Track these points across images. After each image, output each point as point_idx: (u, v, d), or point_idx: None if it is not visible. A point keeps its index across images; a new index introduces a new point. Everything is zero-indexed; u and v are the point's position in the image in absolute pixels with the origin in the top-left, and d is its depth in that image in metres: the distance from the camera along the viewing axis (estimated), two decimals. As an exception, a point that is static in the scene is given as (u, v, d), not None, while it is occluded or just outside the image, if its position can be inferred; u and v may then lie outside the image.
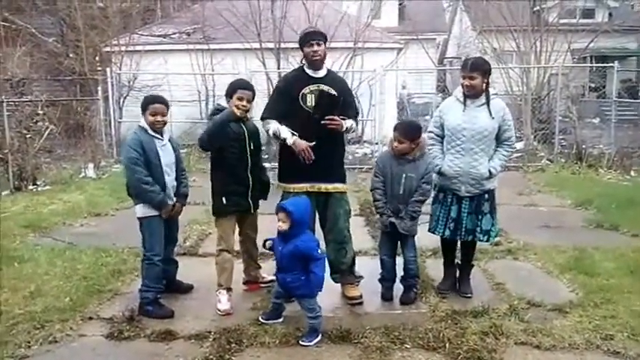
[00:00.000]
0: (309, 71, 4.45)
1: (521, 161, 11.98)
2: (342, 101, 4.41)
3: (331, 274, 4.61)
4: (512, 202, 8.24)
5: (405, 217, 4.39)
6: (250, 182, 4.61)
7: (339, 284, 4.67)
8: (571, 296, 4.74)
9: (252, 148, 4.59)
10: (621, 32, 18.66)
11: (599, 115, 15.92)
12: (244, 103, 4.48)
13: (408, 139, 4.37)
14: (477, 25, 18.96)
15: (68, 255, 5.80)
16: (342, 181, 4.57)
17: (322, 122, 4.26)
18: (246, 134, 4.54)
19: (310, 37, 4.39)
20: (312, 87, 4.39)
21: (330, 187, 4.47)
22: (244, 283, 4.93)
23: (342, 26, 14.30)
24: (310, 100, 4.36)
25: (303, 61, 4.50)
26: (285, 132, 4.35)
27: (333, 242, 4.56)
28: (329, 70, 4.59)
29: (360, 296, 4.54)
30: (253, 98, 4.58)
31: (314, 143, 4.27)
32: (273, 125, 4.41)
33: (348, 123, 4.46)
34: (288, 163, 4.48)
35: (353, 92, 4.65)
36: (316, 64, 4.42)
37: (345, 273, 4.64)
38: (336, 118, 4.30)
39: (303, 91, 4.38)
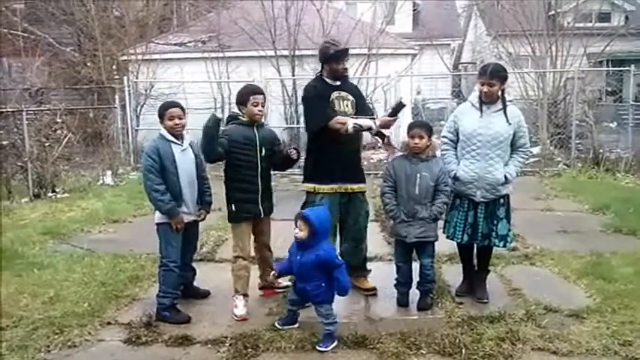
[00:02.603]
0: (328, 80, 4.72)
1: (538, 166, 11.89)
2: (361, 104, 4.79)
3: None
4: (529, 207, 8.19)
5: (426, 218, 4.40)
6: (260, 188, 4.62)
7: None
8: (588, 302, 4.70)
9: (263, 154, 4.60)
10: (638, 36, 18.45)
11: (616, 120, 15.74)
12: (260, 108, 4.58)
13: (427, 133, 4.41)
14: (491, 30, 18.87)
15: (87, 261, 5.87)
16: (364, 181, 4.85)
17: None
18: (257, 140, 4.57)
19: (343, 55, 4.68)
20: (335, 93, 4.68)
21: (355, 187, 4.74)
22: (260, 289, 4.96)
23: (357, 33, 14.36)
24: (338, 106, 4.64)
25: (324, 73, 4.74)
26: (367, 121, 4.55)
27: (352, 240, 4.80)
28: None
29: (374, 288, 4.79)
30: (265, 99, 4.68)
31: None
32: (350, 122, 4.46)
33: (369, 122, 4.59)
34: (317, 164, 4.72)
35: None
36: (342, 79, 4.72)
37: (358, 268, 4.87)
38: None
39: (331, 97, 4.66)
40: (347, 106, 4.68)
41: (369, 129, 4.56)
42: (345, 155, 4.67)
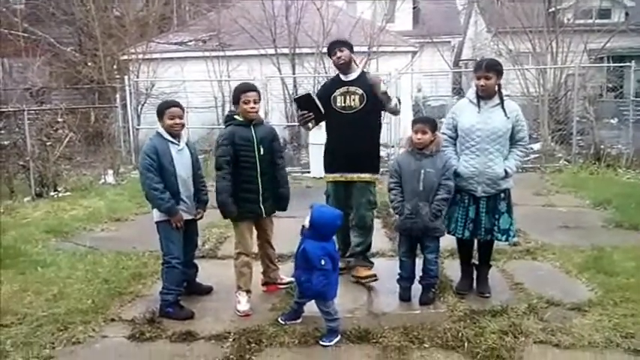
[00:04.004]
0: (341, 76, 4.98)
1: (539, 162, 11.91)
2: (369, 101, 4.84)
3: (346, 257, 5.05)
4: (531, 203, 8.20)
5: (424, 216, 4.40)
6: (261, 188, 4.59)
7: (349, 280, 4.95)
8: (590, 295, 4.71)
9: (262, 153, 4.56)
10: (638, 32, 18.48)
11: (616, 115, 15.72)
12: (252, 105, 4.53)
13: (430, 128, 4.40)
14: (492, 27, 18.89)
15: (89, 259, 5.89)
16: (370, 171, 4.95)
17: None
18: (254, 139, 4.53)
19: (332, 47, 4.96)
20: (342, 89, 4.91)
21: (355, 176, 4.91)
22: (263, 285, 4.97)
23: (357, 31, 14.37)
24: (340, 101, 4.90)
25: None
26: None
27: (356, 227, 4.98)
28: (362, 72, 5.06)
29: (374, 275, 4.87)
30: (260, 97, 4.63)
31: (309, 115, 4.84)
32: None
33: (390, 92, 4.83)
34: (326, 157, 5.11)
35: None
36: (342, 69, 4.95)
37: (359, 257, 5.00)
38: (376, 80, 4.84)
39: (334, 93, 4.93)
40: (354, 100, 4.87)
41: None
42: (347, 145, 4.85)
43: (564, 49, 14.42)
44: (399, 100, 4.95)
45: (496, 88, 4.57)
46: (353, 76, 4.93)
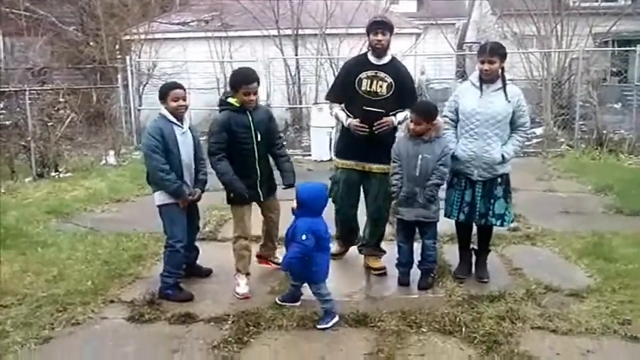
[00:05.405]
0: (371, 58, 4.78)
1: (541, 147, 11.87)
2: (396, 90, 4.73)
3: (359, 246, 5.08)
4: (532, 188, 8.19)
5: (419, 200, 4.39)
6: (259, 172, 4.57)
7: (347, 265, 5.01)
8: (589, 281, 4.72)
9: (259, 139, 4.52)
10: (644, 15, 18.27)
11: (620, 100, 15.63)
12: (251, 97, 4.44)
13: (425, 119, 4.37)
14: (496, 9, 18.71)
15: (90, 240, 5.91)
16: (388, 162, 4.75)
17: (375, 130, 4.67)
18: (251, 124, 4.49)
19: (377, 26, 4.71)
20: (370, 72, 4.73)
21: (374, 167, 4.81)
22: (257, 257, 5.00)
23: (361, 12, 14.25)
24: (366, 85, 4.73)
25: (368, 47, 4.82)
26: (343, 116, 4.86)
27: (370, 218, 4.94)
28: (393, 58, 4.84)
29: (384, 267, 4.84)
30: (259, 84, 4.51)
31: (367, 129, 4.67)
32: (335, 110, 4.96)
33: (400, 116, 4.76)
34: (341, 142, 5.04)
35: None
36: (378, 52, 4.74)
37: (371, 246, 4.98)
38: (383, 122, 4.68)
39: (360, 75, 4.74)
40: (380, 87, 4.72)
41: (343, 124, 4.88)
42: (365, 137, 4.69)
43: (569, 33, 14.28)
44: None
45: (499, 72, 4.55)
46: (384, 60, 4.76)
